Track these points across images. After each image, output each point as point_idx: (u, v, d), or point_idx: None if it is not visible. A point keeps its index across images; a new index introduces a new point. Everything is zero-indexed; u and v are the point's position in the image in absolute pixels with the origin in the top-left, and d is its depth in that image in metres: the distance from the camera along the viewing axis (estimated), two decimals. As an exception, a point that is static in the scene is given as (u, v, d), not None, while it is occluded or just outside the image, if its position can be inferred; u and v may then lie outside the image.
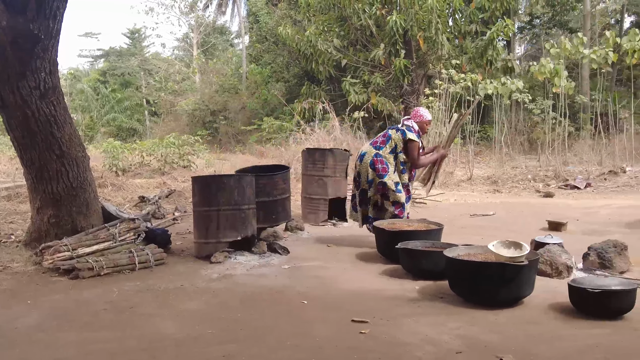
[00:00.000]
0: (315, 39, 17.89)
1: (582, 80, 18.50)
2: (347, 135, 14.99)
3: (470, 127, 14.44)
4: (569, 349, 3.41)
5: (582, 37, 12.94)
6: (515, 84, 13.51)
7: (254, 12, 26.71)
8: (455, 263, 4.41)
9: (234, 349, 3.45)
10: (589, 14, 19.89)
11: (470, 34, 18.01)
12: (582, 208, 9.16)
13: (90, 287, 4.79)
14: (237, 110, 23.69)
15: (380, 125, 18.74)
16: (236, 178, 6.09)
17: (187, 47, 37.97)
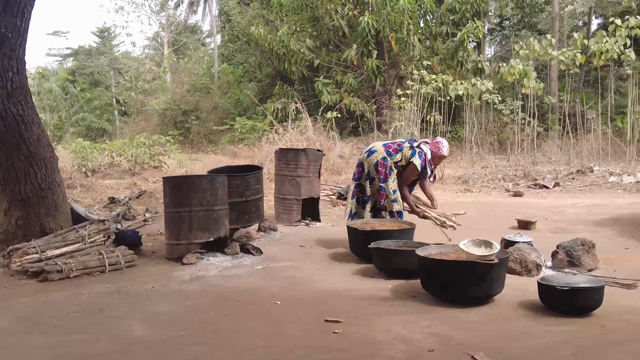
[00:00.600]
0: (288, 39, 17.87)
1: (551, 81, 18.82)
2: (320, 136, 15.00)
3: (442, 127, 14.56)
4: (539, 346, 3.47)
5: (551, 39, 13.15)
6: (485, 85, 13.67)
7: (225, 12, 26.53)
8: (427, 262, 4.44)
9: (205, 350, 3.42)
10: (558, 16, 20.24)
11: (441, 35, 18.19)
12: (551, 207, 9.32)
13: (59, 290, 4.71)
14: (209, 110, 23.50)
15: (352, 125, 18.81)
16: (208, 178, 6.05)
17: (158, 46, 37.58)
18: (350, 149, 16.32)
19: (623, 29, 12.09)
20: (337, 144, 15.17)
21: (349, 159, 15.05)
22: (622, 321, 3.88)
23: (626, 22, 12.09)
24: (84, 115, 27.74)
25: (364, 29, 16.86)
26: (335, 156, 14.43)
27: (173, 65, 30.36)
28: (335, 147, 14.84)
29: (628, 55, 12.26)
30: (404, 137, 13.87)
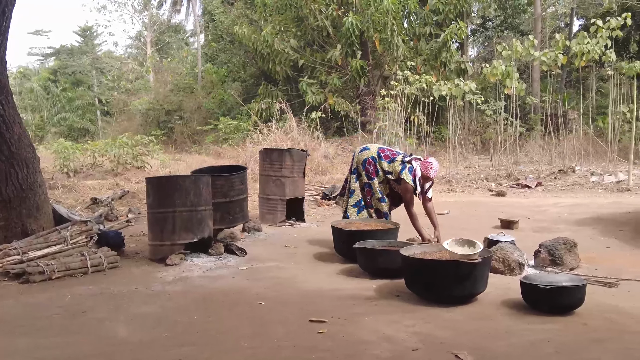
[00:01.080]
0: (272, 38, 17.84)
1: (533, 81, 18.99)
2: (305, 136, 15.01)
3: (425, 127, 14.63)
4: (522, 344, 3.50)
5: (533, 40, 13.27)
6: (468, 86, 13.76)
7: (209, 11, 26.41)
8: (411, 261, 4.46)
9: (190, 352, 3.40)
10: (540, 17, 20.43)
11: (425, 36, 18.27)
12: (533, 206, 9.40)
13: (41, 292, 4.66)
14: (193, 110, 23.37)
15: (337, 125, 18.83)
16: (192, 179, 6.02)
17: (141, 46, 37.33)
18: (334, 149, 16.35)
19: (604, 30, 12.24)
20: (322, 144, 15.19)
21: (333, 159, 15.08)
22: (603, 319, 3.93)
23: (607, 23, 12.24)
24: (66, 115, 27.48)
25: (348, 29, 16.88)
26: (320, 156, 14.45)
27: (156, 64, 30.18)
28: (319, 147, 14.86)
29: (609, 56, 12.42)
30: (387, 137, 13.92)
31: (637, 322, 3.85)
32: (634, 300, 4.36)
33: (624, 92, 13.56)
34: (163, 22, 35.67)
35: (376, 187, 6.27)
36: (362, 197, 6.37)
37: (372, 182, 6.27)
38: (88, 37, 40.36)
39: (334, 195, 9.99)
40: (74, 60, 36.16)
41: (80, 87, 32.08)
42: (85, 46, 39.29)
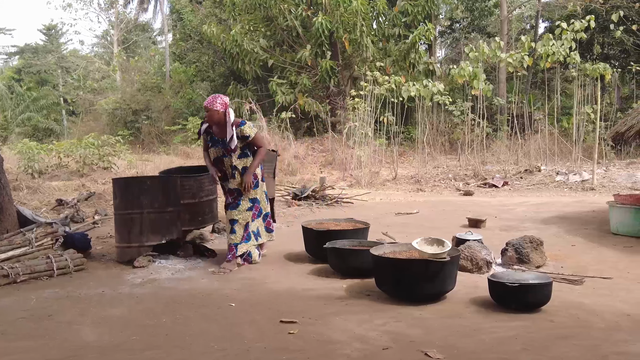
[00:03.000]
0: (241, 38, 17.75)
1: (499, 83, 19.29)
2: (275, 136, 14.98)
3: (395, 128, 14.74)
4: (490, 341, 3.55)
5: (499, 42, 13.49)
6: (436, 87, 13.91)
7: (177, 10, 26.13)
8: (380, 261, 4.48)
9: (158, 355, 3.36)
10: (506, 19, 20.76)
11: (394, 37, 18.40)
12: (500, 205, 9.54)
13: (6, 295, 4.54)
14: (161, 110, 23.10)
15: (307, 125, 18.83)
16: (160, 179, 5.96)
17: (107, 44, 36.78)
18: (305, 149, 16.35)
19: (569, 33, 12.51)
20: (292, 144, 15.18)
21: (303, 159, 15.07)
22: (569, 316, 4.01)
23: (572, 25, 12.51)
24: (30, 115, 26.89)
25: (318, 30, 16.90)
26: (290, 156, 14.44)
27: (123, 63, 29.72)
28: (290, 148, 14.85)
29: (573, 57, 12.69)
30: (357, 137, 13.98)
31: (602, 319, 3.94)
32: (598, 297, 4.46)
33: (588, 93, 13.87)
34: (130, 21, 35.18)
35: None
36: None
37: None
38: (53, 36, 39.57)
39: (304, 196, 9.98)
40: (38, 59, 35.41)
41: (45, 86, 31.42)
42: (50, 45, 38.52)
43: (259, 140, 5.48)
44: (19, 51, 39.28)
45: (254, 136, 5.43)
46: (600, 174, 12.30)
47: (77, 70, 31.66)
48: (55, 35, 39.67)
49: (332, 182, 12.35)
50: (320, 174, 13.71)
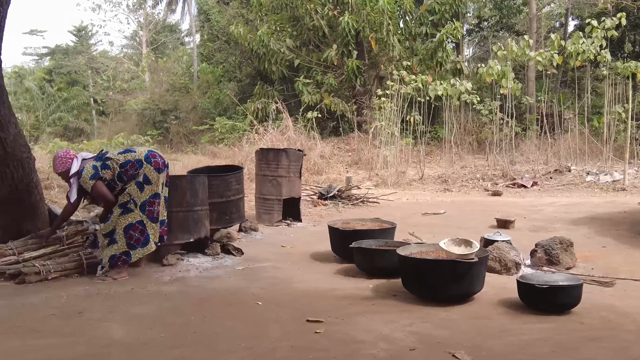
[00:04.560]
0: (268, 38, 17.83)
1: (529, 81, 19.03)
2: (301, 136, 15.00)
3: (421, 127, 14.65)
4: (519, 343, 3.50)
5: (528, 40, 13.30)
6: (464, 86, 13.79)
7: (204, 11, 26.37)
8: (407, 261, 4.46)
9: (186, 352, 3.39)
10: (535, 17, 20.47)
11: (421, 36, 18.30)
12: (529, 206, 9.42)
13: (37, 292, 4.63)
14: (189, 110, 23.35)
15: (333, 125, 18.84)
16: (188, 179, 6.00)
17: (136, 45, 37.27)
18: (330, 149, 16.35)
19: (599, 30, 12.28)
20: (318, 143, 15.19)
21: (329, 159, 15.08)
22: (599, 318, 3.94)
23: (602, 23, 12.28)
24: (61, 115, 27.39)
25: (344, 29, 16.89)
26: (316, 156, 14.45)
27: (152, 64, 30.11)
28: (316, 147, 14.86)
29: (604, 56, 12.45)
30: (384, 137, 13.93)
31: (632, 321, 3.86)
32: (630, 299, 4.38)
33: (619, 91, 13.59)
34: (158, 22, 35.61)
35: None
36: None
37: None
38: (83, 37, 40.24)
39: (330, 195, 9.99)
40: (69, 60, 36.04)
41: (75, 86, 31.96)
42: (80, 46, 39.17)
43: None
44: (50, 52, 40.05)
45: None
46: (632, 174, 12.05)
47: (107, 71, 32.15)
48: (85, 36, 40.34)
49: (358, 182, 12.33)
50: (346, 173, 13.70)
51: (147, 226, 5.20)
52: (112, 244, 5.11)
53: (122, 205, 5.15)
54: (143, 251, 5.20)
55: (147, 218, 5.20)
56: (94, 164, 5.08)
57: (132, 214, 5.15)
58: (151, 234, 5.22)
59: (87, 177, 5.03)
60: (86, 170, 5.05)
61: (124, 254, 5.11)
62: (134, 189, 5.16)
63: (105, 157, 5.15)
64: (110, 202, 5.13)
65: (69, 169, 5.10)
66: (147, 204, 5.20)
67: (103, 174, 5.06)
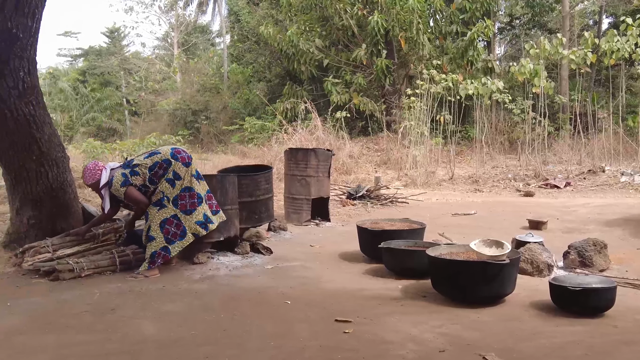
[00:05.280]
0: (297, 38, 17.87)
1: (562, 80, 18.71)
2: (330, 135, 15.01)
3: (452, 127, 14.52)
4: (551, 346, 3.45)
5: (561, 38, 13.08)
6: (495, 84, 13.62)
7: (235, 12, 26.58)
8: (437, 262, 4.43)
9: (215, 350, 3.43)
10: (568, 15, 20.11)
11: (451, 35, 18.13)
12: (562, 207, 9.27)
13: (70, 289, 4.72)
14: (219, 110, 23.56)
15: (362, 124, 18.81)
16: (218, 178, 6.06)
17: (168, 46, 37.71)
18: (359, 148, 16.32)
19: (634, 28, 12.01)
20: (347, 143, 15.17)
21: (358, 159, 15.05)
22: (634, 322, 3.86)
23: (637, 20, 12.01)
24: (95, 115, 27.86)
25: (373, 29, 16.83)
26: (345, 156, 14.44)
27: (183, 65, 30.45)
28: (344, 147, 14.84)
29: (639, 54, 12.18)
30: (413, 136, 13.84)
31: (670, 326, 3.77)
32: (666, 303, 4.27)
33: (655, 90, 13.28)
34: (189, 23, 35.98)
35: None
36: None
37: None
38: (116, 38, 40.89)
39: (358, 195, 9.97)
40: (102, 61, 36.67)
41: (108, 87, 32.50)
42: (113, 47, 39.81)
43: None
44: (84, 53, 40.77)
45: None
46: (669, 175, 11.75)
47: (139, 72, 32.63)
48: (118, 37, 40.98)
49: (387, 182, 12.28)
50: (375, 173, 13.66)
51: (182, 219, 5.33)
52: (151, 241, 5.24)
53: (157, 203, 5.29)
54: (182, 244, 5.34)
55: (181, 212, 5.34)
56: (122, 171, 5.23)
57: (166, 209, 5.29)
58: (187, 226, 5.35)
59: (118, 185, 5.18)
60: (116, 178, 5.19)
61: (163, 249, 5.25)
62: (166, 186, 5.29)
63: (132, 164, 5.27)
64: (144, 205, 5.27)
65: (99, 181, 5.23)
66: (178, 198, 5.34)
67: (133, 181, 5.19)
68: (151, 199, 5.30)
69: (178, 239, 5.32)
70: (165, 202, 5.30)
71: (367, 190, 10.17)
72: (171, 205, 5.32)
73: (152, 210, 5.29)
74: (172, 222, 5.31)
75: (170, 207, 5.31)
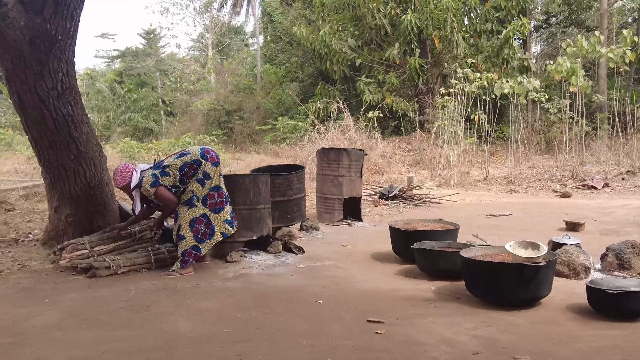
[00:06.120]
0: (330, 38, 17.88)
1: (599, 79, 18.31)
2: (362, 135, 14.97)
3: (486, 126, 14.33)
4: (587, 350, 3.38)
5: (599, 36, 12.80)
6: (531, 83, 13.39)
7: (268, 12, 26.76)
8: (472, 263, 4.38)
9: (249, 348, 3.45)
10: (606, 12, 19.66)
11: (486, 33, 17.91)
12: (600, 208, 9.07)
13: (107, 286, 4.82)
14: (252, 110, 23.74)
15: (395, 124, 18.71)
16: (251, 178, 6.11)
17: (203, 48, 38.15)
18: (392, 148, 16.25)
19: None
20: (379, 143, 15.12)
21: (390, 159, 14.98)
22: (676, 327, 3.75)
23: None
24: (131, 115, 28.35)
25: (407, 28, 16.74)
26: (377, 156, 14.39)
27: (217, 66, 30.78)
28: (377, 147, 14.80)
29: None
30: (447, 136, 13.72)
31: None
32: None
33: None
34: (224, 24, 36.33)
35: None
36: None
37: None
38: (152, 40, 41.56)
39: (391, 195, 9.92)
40: (138, 62, 37.30)
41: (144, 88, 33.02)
42: (149, 48, 40.48)
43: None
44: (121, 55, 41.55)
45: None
46: None
47: (174, 73, 33.06)
48: (153, 39, 41.64)
49: (420, 182, 12.19)
50: (407, 173, 13.58)
51: (211, 218, 5.41)
52: (181, 240, 5.32)
53: (187, 202, 5.35)
54: (211, 242, 5.42)
55: (210, 210, 5.42)
56: (152, 172, 5.30)
57: (196, 208, 5.36)
58: (215, 225, 5.42)
59: (148, 186, 5.24)
60: (145, 179, 5.26)
61: (194, 248, 5.32)
62: (196, 186, 5.36)
63: (163, 165, 5.35)
64: (173, 205, 5.34)
65: (130, 182, 5.30)
66: (207, 197, 5.41)
67: (163, 181, 5.26)
68: (181, 198, 5.38)
69: (208, 238, 5.40)
70: (195, 202, 5.37)
71: (399, 191, 10.11)
72: (201, 204, 5.39)
73: (182, 210, 5.36)
74: (201, 221, 5.38)
75: (199, 206, 5.38)
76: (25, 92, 5.50)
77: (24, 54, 5.27)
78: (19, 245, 6.29)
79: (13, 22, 5.09)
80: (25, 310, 4.19)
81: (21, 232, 6.95)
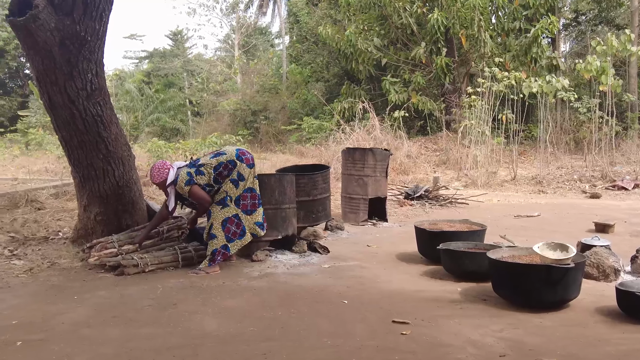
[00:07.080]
0: (355, 38, 17.86)
1: (630, 78, 17.96)
2: (387, 135, 14.93)
3: (514, 126, 14.17)
4: (616, 353, 3.32)
5: (630, 34, 12.56)
6: (560, 82, 13.20)
7: (294, 13, 26.83)
8: (499, 265, 4.33)
9: (274, 347, 3.47)
10: (637, 10, 19.26)
11: (514, 32, 17.69)
12: (630, 209, 8.90)
13: (135, 284, 4.88)
14: (278, 110, 23.84)
15: (420, 124, 18.60)
16: (277, 177, 6.13)
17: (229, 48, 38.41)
18: (417, 148, 16.16)
19: None
20: (405, 143, 15.05)
21: (416, 159, 14.90)
22: None
23: None
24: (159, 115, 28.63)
25: (433, 26, 16.64)
26: (403, 156, 14.33)
27: (243, 66, 30.96)
28: (402, 147, 14.73)
29: None
30: (473, 136, 13.59)
31: None
32: None
33: None
34: (250, 25, 36.53)
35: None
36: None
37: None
38: (179, 41, 41.97)
39: (416, 195, 9.87)
40: (166, 63, 37.71)
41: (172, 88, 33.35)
42: (176, 49, 40.89)
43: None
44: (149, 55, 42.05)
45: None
46: None
47: (201, 73, 33.34)
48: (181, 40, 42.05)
49: (446, 182, 12.11)
50: (433, 173, 13.49)
51: (242, 219, 5.47)
52: (212, 239, 5.39)
53: (220, 202, 5.43)
54: (241, 242, 5.49)
55: (242, 211, 5.49)
56: (187, 170, 5.37)
57: (228, 208, 5.43)
58: (246, 226, 5.50)
59: (183, 184, 5.32)
60: (181, 177, 5.34)
61: (223, 247, 5.39)
62: (230, 186, 5.43)
63: (198, 164, 5.41)
64: (207, 203, 5.41)
65: (166, 179, 5.38)
66: (240, 198, 5.49)
67: (197, 180, 5.32)
68: (214, 197, 5.44)
69: (238, 238, 5.46)
70: (228, 202, 5.43)
71: (425, 191, 10.05)
72: (233, 204, 5.45)
73: (215, 209, 5.42)
74: (233, 222, 5.44)
75: (232, 207, 5.44)
76: (56, 93, 5.60)
77: (54, 55, 5.36)
78: (48, 243, 6.40)
79: (43, 24, 5.19)
80: (55, 307, 4.27)
81: (51, 230, 7.08)
